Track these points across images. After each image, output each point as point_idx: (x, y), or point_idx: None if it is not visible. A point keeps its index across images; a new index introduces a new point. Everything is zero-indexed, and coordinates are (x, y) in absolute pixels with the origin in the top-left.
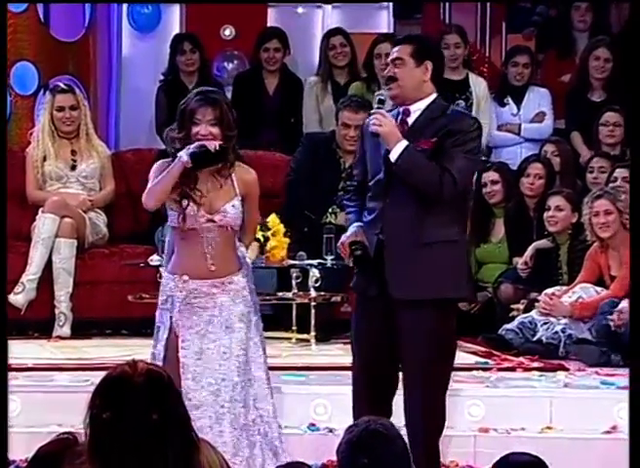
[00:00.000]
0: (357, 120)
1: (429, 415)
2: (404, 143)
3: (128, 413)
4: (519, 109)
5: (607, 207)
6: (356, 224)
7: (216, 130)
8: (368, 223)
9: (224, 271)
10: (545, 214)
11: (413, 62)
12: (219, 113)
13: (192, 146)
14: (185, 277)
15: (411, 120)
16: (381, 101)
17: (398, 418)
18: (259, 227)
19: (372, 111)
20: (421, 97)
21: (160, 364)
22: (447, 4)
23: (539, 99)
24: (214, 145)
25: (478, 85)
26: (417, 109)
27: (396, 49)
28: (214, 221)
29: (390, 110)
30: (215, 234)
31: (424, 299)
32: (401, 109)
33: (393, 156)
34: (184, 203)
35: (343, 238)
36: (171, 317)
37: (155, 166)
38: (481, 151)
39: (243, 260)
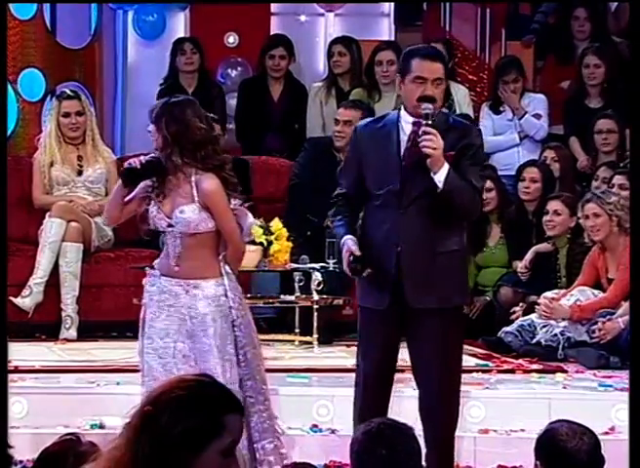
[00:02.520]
0: (345, 116)
1: (450, 419)
2: (446, 166)
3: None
4: (514, 114)
5: (594, 210)
6: (349, 237)
7: (151, 127)
8: (382, 234)
9: (190, 274)
10: (544, 219)
11: (445, 82)
12: (149, 115)
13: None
14: (157, 272)
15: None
16: (429, 117)
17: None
18: (262, 231)
19: (423, 129)
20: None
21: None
22: (447, 12)
23: (534, 104)
24: (137, 162)
25: (459, 92)
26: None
27: (435, 66)
28: (172, 226)
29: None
30: (177, 238)
31: (440, 308)
32: (411, 122)
33: (439, 179)
34: (146, 203)
35: (345, 253)
36: (145, 311)
37: None
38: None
39: (224, 272)
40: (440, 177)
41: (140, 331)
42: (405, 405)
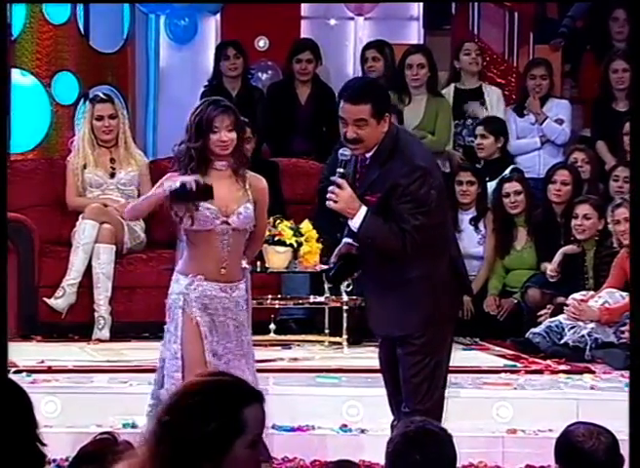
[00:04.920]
0: None
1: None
2: (362, 212)
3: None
4: (536, 119)
5: (626, 215)
6: (345, 240)
7: (233, 135)
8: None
9: (232, 277)
10: (573, 222)
11: (375, 121)
12: (234, 119)
13: (177, 182)
14: (201, 277)
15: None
16: (345, 164)
17: None
18: (292, 233)
19: (333, 178)
20: (377, 143)
21: (179, 362)
22: (475, 15)
23: (557, 110)
24: (194, 184)
25: (492, 93)
26: (370, 155)
27: (356, 109)
28: (228, 224)
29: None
30: (229, 237)
31: (404, 335)
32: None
33: (354, 225)
34: (199, 205)
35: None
36: (183, 313)
37: (165, 177)
38: (431, 195)
39: (245, 271)
40: (355, 224)
41: (177, 332)
42: None
